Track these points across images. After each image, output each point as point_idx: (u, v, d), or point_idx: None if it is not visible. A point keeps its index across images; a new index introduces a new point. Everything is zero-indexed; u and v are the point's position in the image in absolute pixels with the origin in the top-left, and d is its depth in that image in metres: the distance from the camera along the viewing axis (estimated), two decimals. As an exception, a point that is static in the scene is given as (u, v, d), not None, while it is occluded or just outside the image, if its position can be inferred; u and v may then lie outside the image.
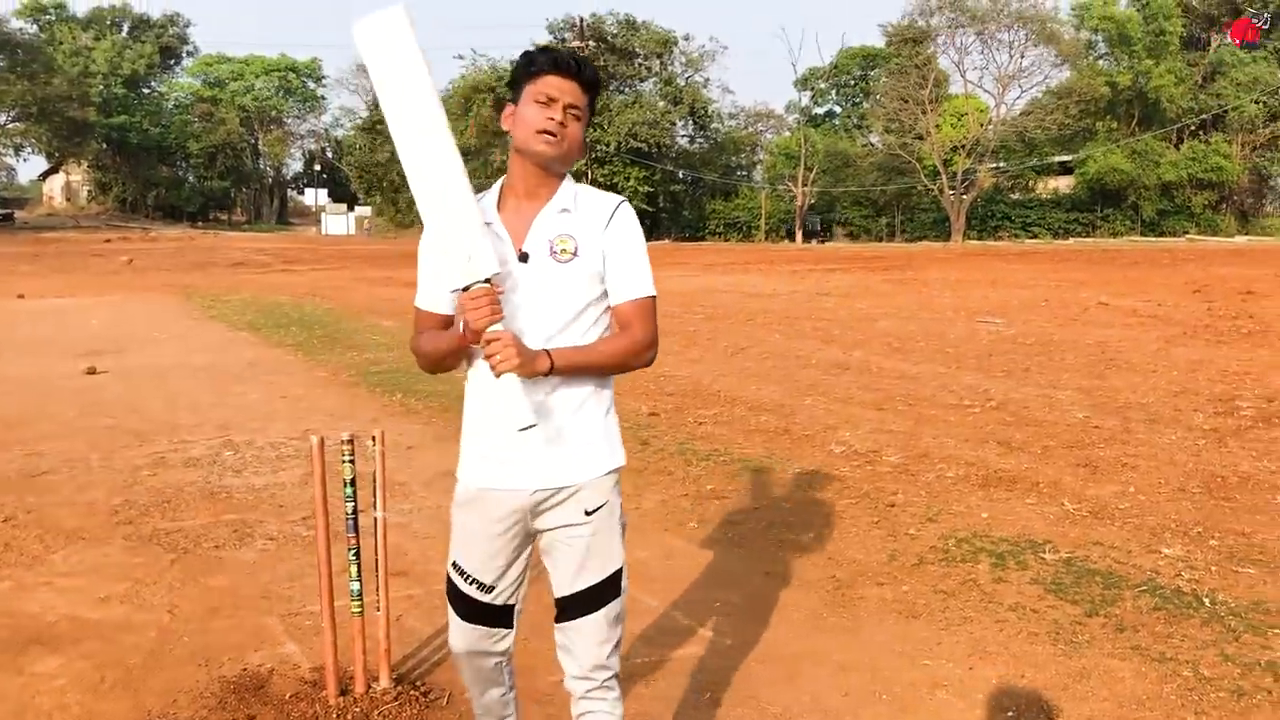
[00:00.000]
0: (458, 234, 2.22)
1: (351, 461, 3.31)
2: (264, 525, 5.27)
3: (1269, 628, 3.77)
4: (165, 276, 24.65)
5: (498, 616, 2.48)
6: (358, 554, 3.32)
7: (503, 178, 2.42)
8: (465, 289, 2.19)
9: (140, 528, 5.24)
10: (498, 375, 2.16)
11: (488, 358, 2.17)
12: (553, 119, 2.24)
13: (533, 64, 2.28)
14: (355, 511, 3.31)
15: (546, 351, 2.23)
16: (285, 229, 69.60)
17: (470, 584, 2.45)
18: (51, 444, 7.13)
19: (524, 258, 2.30)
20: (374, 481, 3.39)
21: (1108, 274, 22.81)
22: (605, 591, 2.40)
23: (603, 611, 2.40)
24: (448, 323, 2.40)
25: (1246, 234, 49.49)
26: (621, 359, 2.35)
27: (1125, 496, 5.56)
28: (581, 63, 2.29)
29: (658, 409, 8.05)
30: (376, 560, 3.40)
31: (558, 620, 2.43)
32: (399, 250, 37.78)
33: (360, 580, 3.33)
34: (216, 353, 11.58)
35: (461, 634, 2.50)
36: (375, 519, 3.39)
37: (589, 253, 2.31)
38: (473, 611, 2.47)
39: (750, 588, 4.33)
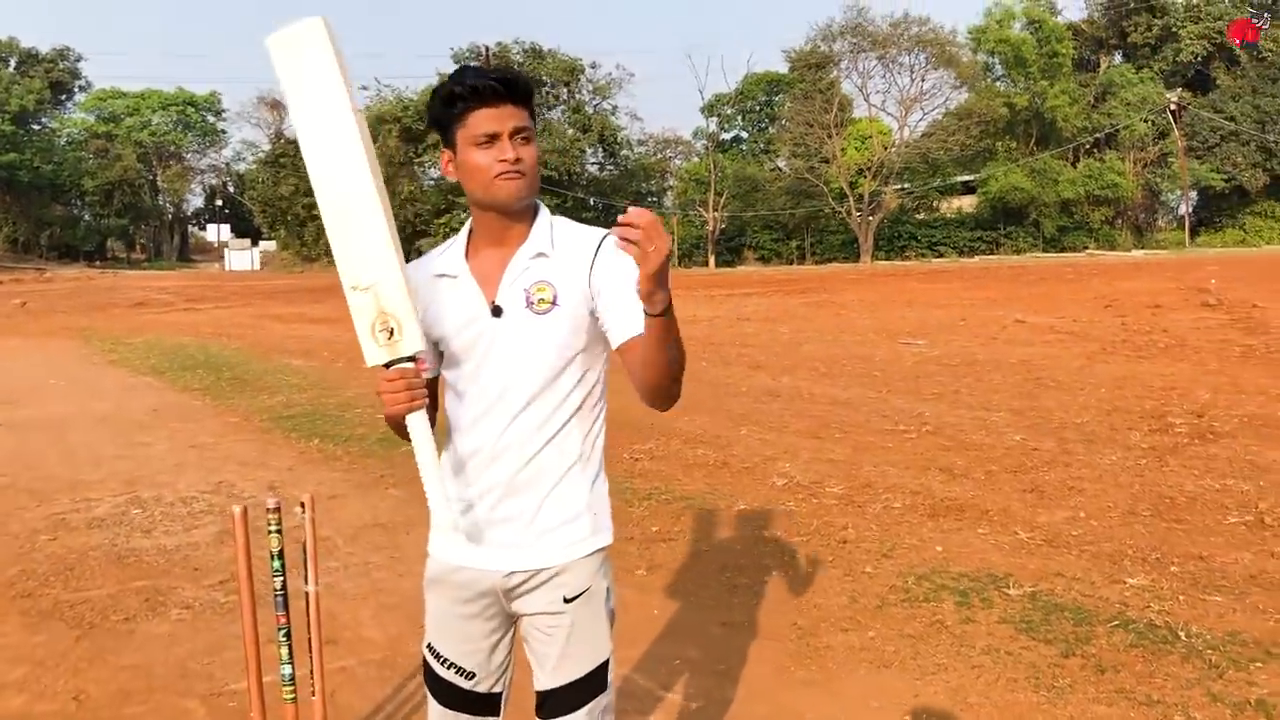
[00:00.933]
0: (377, 294, 1.92)
1: (279, 532, 2.98)
2: (178, 592, 4.87)
3: (1249, 661, 3.64)
4: (62, 319, 23.65)
5: (483, 705, 2.20)
6: (288, 634, 2.99)
7: (465, 228, 2.16)
8: (386, 365, 1.93)
9: (39, 600, 4.80)
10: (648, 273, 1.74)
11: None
12: (505, 159, 1.96)
13: (455, 104, 1.98)
14: (284, 586, 2.98)
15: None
16: (187, 266, 67.89)
17: (449, 669, 2.18)
18: (-61, 509, 6.60)
19: (497, 311, 2.03)
20: (303, 551, 3.07)
21: (1017, 291, 23.17)
22: (589, 687, 2.11)
23: (585, 710, 2.11)
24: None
25: (1143, 248, 51.06)
26: (683, 358, 1.95)
27: (1077, 522, 5.45)
28: (508, 80, 1.98)
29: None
30: (310, 638, 3.07)
31: (537, 714, 2.15)
32: (306, 285, 36.96)
33: (292, 662, 3.00)
34: (119, 400, 11.00)
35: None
36: (306, 593, 3.07)
37: (570, 300, 2.02)
38: (454, 699, 2.19)
39: (709, 641, 4.09)
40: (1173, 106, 52.91)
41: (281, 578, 3.00)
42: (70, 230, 67.92)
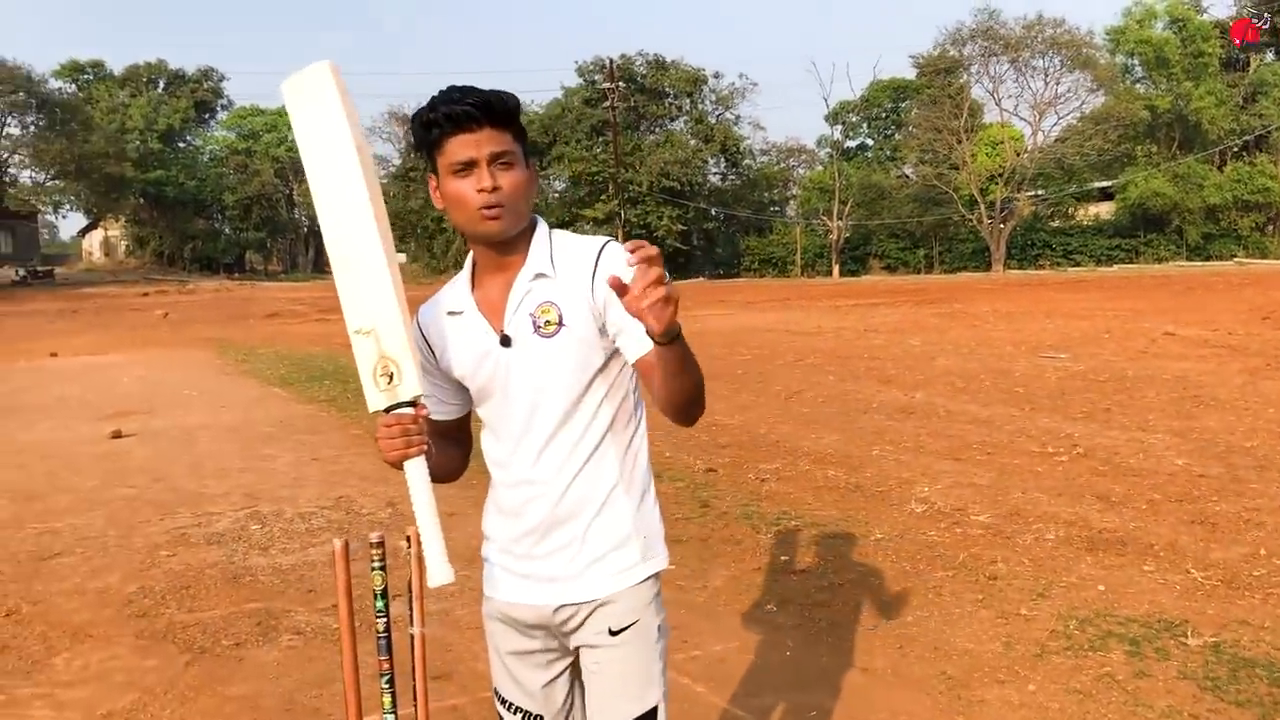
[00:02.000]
0: (378, 338, 1.87)
1: (383, 569, 2.74)
2: (291, 615, 4.73)
3: None
4: (200, 330, 24.41)
5: None
6: (391, 680, 2.75)
7: (469, 259, 2.05)
8: (386, 410, 1.85)
9: (154, 621, 4.71)
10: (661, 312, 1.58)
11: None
12: (484, 189, 1.84)
13: (430, 132, 1.87)
14: (388, 628, 2.74)
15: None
16: (321, 278, 69.84)
17: (516, 714, 2.11)
18: (68, 519, 6.66)
19: (506, 341, 1.94)
20: (409, 589, 2.83)
21: (1164, 301, 21.99)
22: None
23: None
24: (450, 429, 2.13)
25: (1297, 256, 48.27)
26: (701, 382, 1.81)
27: (1258, 560, 4.90)
28: (483, 102, 1.84)
29: (714, 464, 7.46)
30: (414, 685, 2.83)
31: None
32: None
33: (395, 711, 2.76)
34: (247, 410, 11.13)
35: None
36: (411, 635, 2.82)
37: (577, 317, 1.89)
38: None
39: (848, 689, 3.72)
40: (1331, 105, 49.93)
41: (385, 618, 2.76)
42: (211, 243, 70.58)
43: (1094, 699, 3.53)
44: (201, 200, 69.42)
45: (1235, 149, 51.52)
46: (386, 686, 2.76)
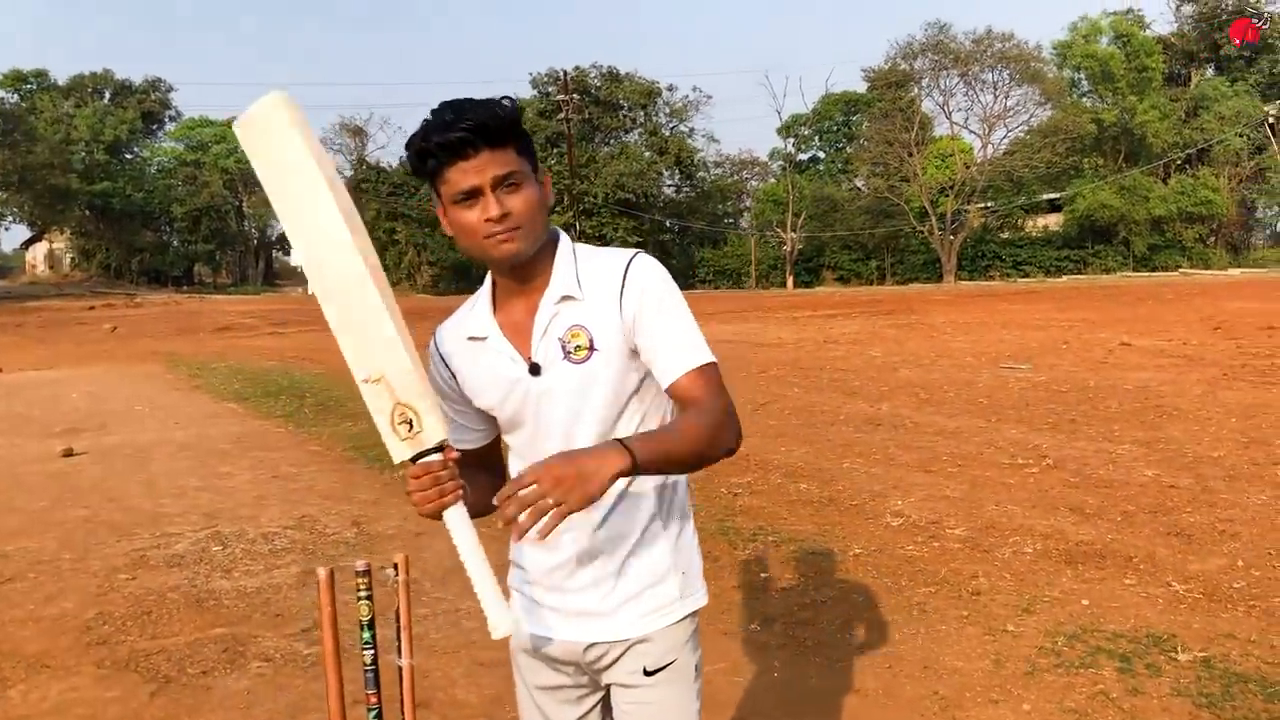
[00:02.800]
0: (389, 384, 1.74)
1: (369, 598, 2.61)
2: (258, 641, 4.56)
3: None
4: (150, 343, 23.93)
5: None
6: (380, 716, 2.62)
7: (487, 279, 1.91)
8: (412, 460, 1.72)
9: (115, 649, 4.53)
10: (541, 537, 1.56)
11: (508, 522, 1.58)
12: (490, 218, 1.71)
13: (426, 162, 1.74)
14: (375, 661, 2.62)
15: (618, 443, 1.60)
16: (272, 290, 68.99)
17: None
18: (19, 542, 6.43)
19: (535, 369, 1.81)
20: (396, 620, 2.71)
21: (1116, 312, 22.24)
22: None
23: None
24: (480, 457, 1.99)
25: (1239, 266, 49.23)
26: (703, 441, 1.70)
27: (1236, 572, 4.90)
28: (478, 125, 1.69)
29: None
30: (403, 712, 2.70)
31: None
32: (388, 309, 37.14)
33: (383, 747, 2.63)
34: (202, 427, 10.88)
35: None
36: (399, 667, 2.70)
37: (608, 340, 1.78)
38: None
39: (838, 711, 3.64)
40: (1270, 119, 51.03)
41: (372, 650, 2.63)
42: (159, 256, 69.43)
43: (1090, 718, 3.48)
44: (149, 212, 68.29)
45: (1179, 162, 52.51)
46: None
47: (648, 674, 1.87)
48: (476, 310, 1.90)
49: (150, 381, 15.87)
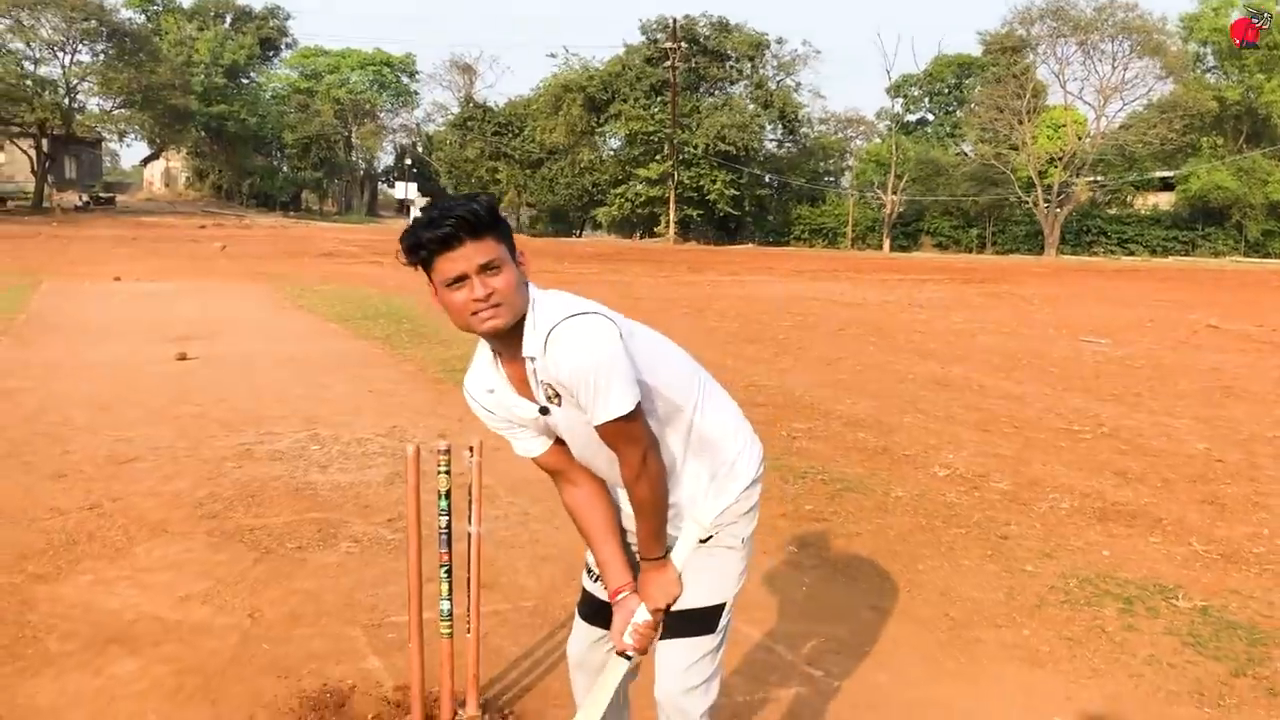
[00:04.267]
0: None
1: (448, 472, 3.10)
2: (349, 526, 5.12)
3: None
4: (257, 264, 24.99)
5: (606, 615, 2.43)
6: (449, 571, 3.11)
7: (480, 342, 2.29)
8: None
9: (224, 523, 5.13)
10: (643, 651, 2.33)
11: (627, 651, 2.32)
12: (477, 298, 2.07)
13: (417, 253, 2.11)
14: (449, 525, 3.11)
15: (646, 561, 2.31)
16: (375, 221, 70.58)
17: (596, 581, 2.46)
18: (140, 430, 7.10)
19: (545, 411, 2.23)
20: (469, 494, 3.19)
21: (1214, 295, 21.92)
22: (697, 621, 2.32)
23: (687, 642, 2.32)
24: (554, 460, 2.37)
25: (1358, 258, 47.44)
26: (651, 496, 2.23)
27: (1260, 539, 5.16)
28: (460, 222, 2.05)
29: (749, 420, 7.76)
30: (469, 578, 3.20)
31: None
32: (485, 246, 37.88)
33: (451, 599, 3.13)
34: (305, 343, 11.59)
35: (578, 639, 2.53)
36: (470, 534, 3.19)
37: (565, 390, 2.18)
38: (593, 612, 2.48)
39: (857, 623, 4.05)
40: (1406, 107, 48.80)
41: (447, 517, 3.12)
42: (269, 180, 71.46)
43: (1082, 645, 3.84)
44: (261, 137, 70.22)
45: (1304, 146, 50.55)
46: (445, 576, 3.14)
47: (701, 541, 2.32)
48: (484, 368, 2.30)
49: (258, 299, 16.74)
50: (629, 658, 2.29)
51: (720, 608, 2.31)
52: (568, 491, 2.39)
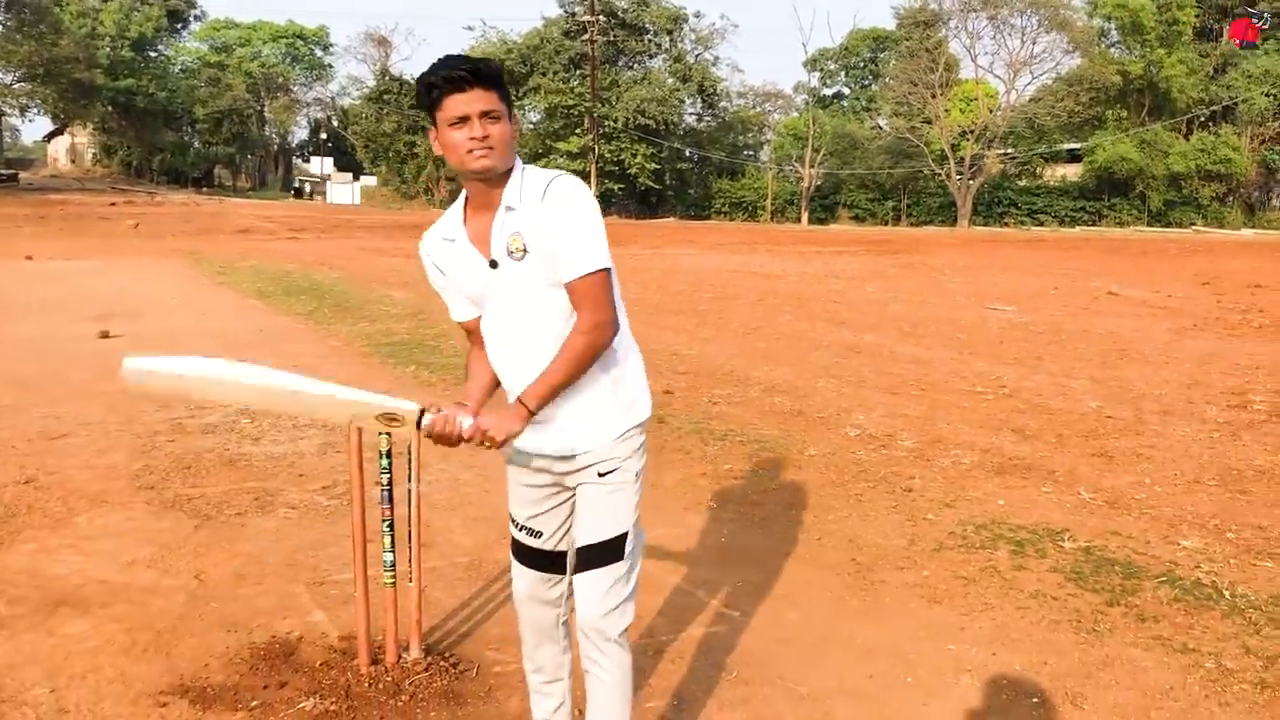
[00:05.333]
0: (355, 417, 2.59)
1: (388, 434, 3.31)
2: (285, 494, 5.29)
3: (1289, 621, 3.80)
4: (172, 241, 24.63)
5: (549, 562, 2.67)
6: (391, 525, 3.34)
7: (461, 195, 2.52)
8: (422, 432, 2.45)
9: (162, 493, 5.27)
10: (499, 448, 2.44)
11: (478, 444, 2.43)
12: (474, 137, 2.30)
13: (431, 92, 2.33)
14: (390, 483, 3.33)
15: (519, 402, 2.39)
16: (290, 197, 69.42)
17: (521, 531, 2.68)
18: (69, 407, 7.15)
19: (494, 264, 2.41)
20: (409, 456, 3.41)
21: (1116, 263, 22.79)
22: (606, 551, 2.51)
23: (600, 571, 2.51)
24: (476, 324, 2.59)
25: (1253, 227, 49.36)
26: (583, 358, 2.39)
27: (1141, 488, 5.59)
28: (474, 68, 2.31)
29: (672, 387, 8.07)
30: (410, 532, 3.42)
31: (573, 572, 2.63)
32: (405, 221, 37.74)
33: (394, 551, 3.35)
34: (228, 319, 11.60)
35: (520, 578, 2.72)
36: (410, 490, 3.41)
37: (538, 244, 2.36)
38: (526, 557, 2.69)
39: (771, 568, 4.36)
40: (1298, 81, 50.74)
41: (389, 475, 3.34)
42: (180, 156, 69.85)
43: (976, 583, 4.19)
44: (171, 112, 68.50)
45: (1202, 119, 52.32)
46: (387, 530, 3.37)
47: (600, 475, 2.51)
48: (449, 220, 2.51)
49: (177, 276, 16.59)
50: (420, 425, 2.45)
51: (624, 536, 2.53)
52: (474, 352, 2.64)
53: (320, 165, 74.97)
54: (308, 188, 70.86)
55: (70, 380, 8.08)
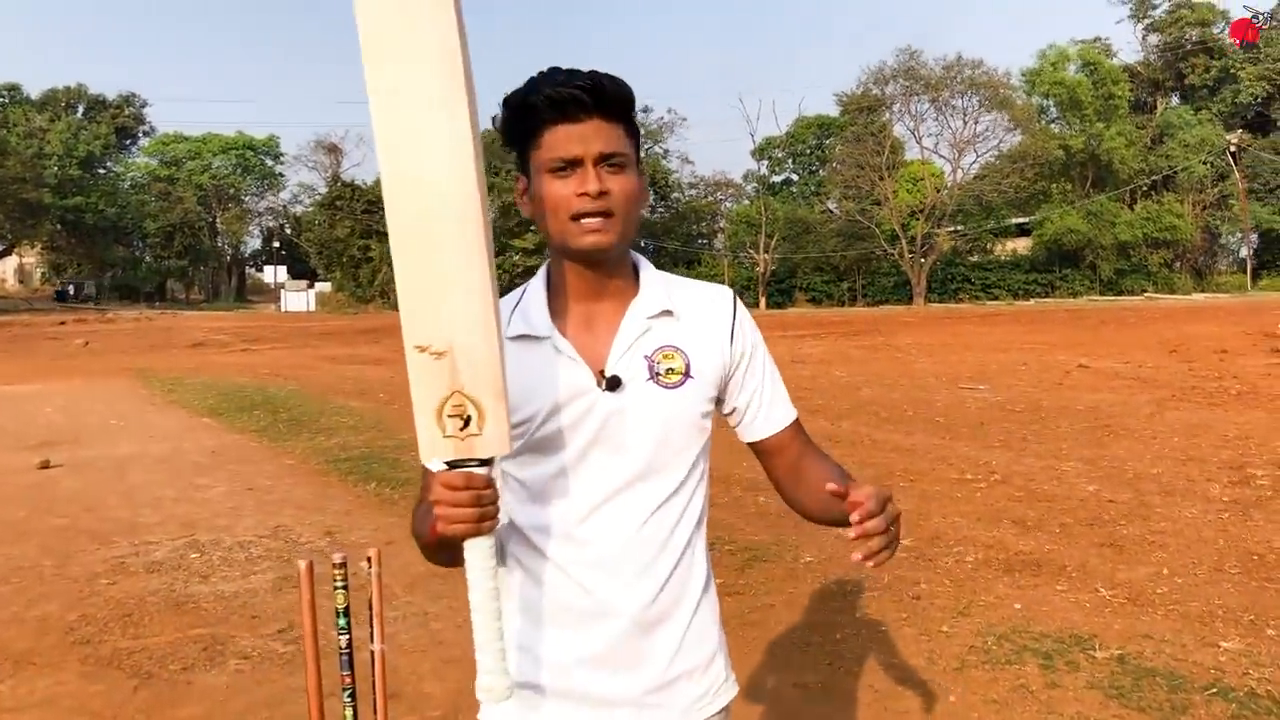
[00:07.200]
0: (455, 363, 1.33)
1: (345, 587, 2.87)
2: (236, 641, 4.79)
3: (1364, 735, 3.42)
4: (123, 359, 24.01)
5: None
6: (353, 694, 2.88)
7: (540, 273, 1.67)
8: (450, 465, 1.37)
9: (99, 648, 4.75)
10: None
11: None
12: (586, 193, 1.49)
13: (528, 118, 1.54)
14: (350, 644, 2.88)
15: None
16: (244, 307, 68.89)
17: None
18: (1, 550, 6.61)
19: (614, 383, 1.55)
20: (369, 608, 2.97)
21: (1078, 335, 22.77)
22: None
23: None
24: None
25: (1203, 291, 50.16)
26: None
27: (1161, 580, 5.22)
28: (595, 86, 1.50)
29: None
30: (374, 697, 2.96)
31: None
32: (361, 326, 37.34)
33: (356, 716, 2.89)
34: (177, 440, 11.06)
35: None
36: (372, 652, 2.96)
37: (706, 371, 1.60)
38: None
39: (782, 704, 3.92)
40: (1232, 148, 52.17)
41: (347, 635, 2.89)
42: (132, 271, 69.36)
43: (1010, 708, 3.77)
44: (122, 227, 68.23)
45: (1144, 188, 53.50)
46: (348, 700, 2.89)
47: None
48: (526, 307, 1.62)
49: (125, 396, 16.01)
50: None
51: None
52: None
53: (274, 274, 74.61)
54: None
55: (5, 518, 7.53)
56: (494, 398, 1.34)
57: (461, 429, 1.35)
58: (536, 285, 1.63)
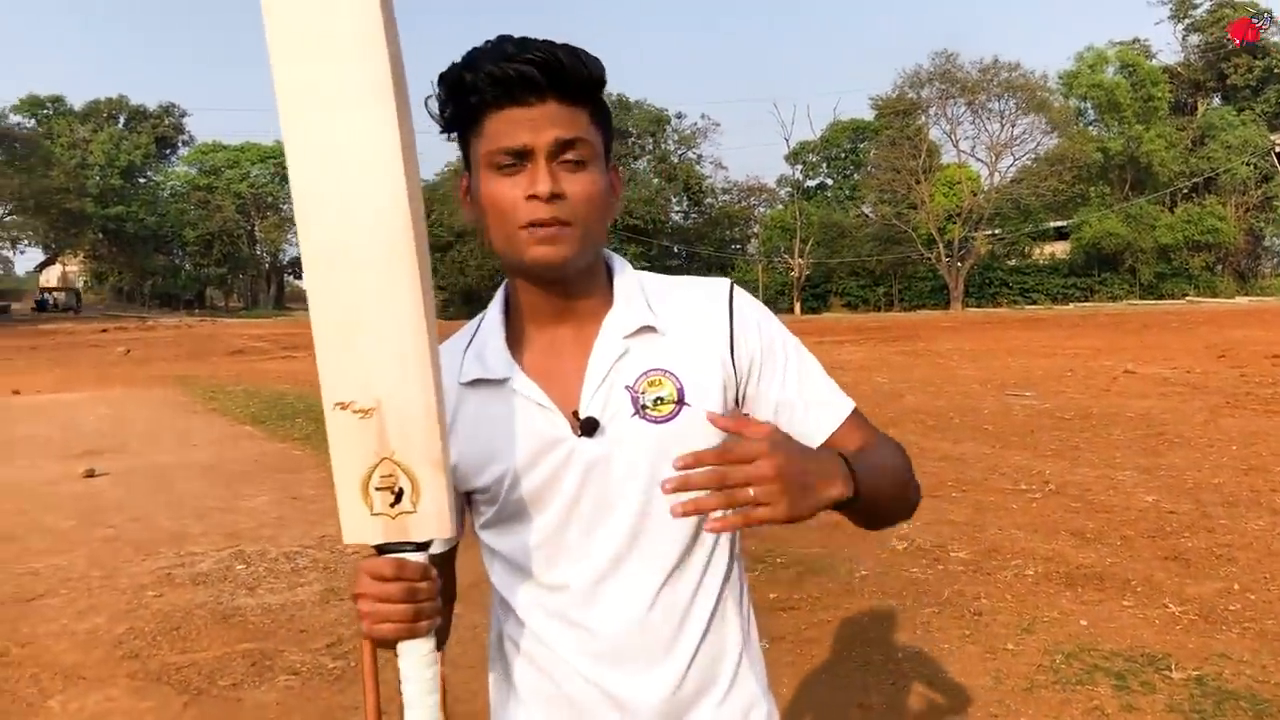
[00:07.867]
0: (384, 423, 1.11)
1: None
2: (284, 655, 4.73)
3: None
4: (164, 367, 24.19)
5: None
6: (414, 718, 2.80)
7: (498, 297, 1.38)
8: (380, 550, 1.15)
9: (147, 662, 4.71)
10: (717, 530, 1.13)
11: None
12: (537, 195, 1.20)
13: (465, 99, 1.22)
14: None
15: (840, 459, 1.17)
16: (283, 314, 69.41)
17: None
18: (48, 560, 6.61)
19: (589, 427, 1.26)
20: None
21: (1122, 340, 22.42)
22: None
23: None
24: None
25: (1246, 295, 49.36)
26: (903, 481, 1.37)
27: (1233, 595, 5.05)
28: (547, 60, 1.19)
29: (695, 502, 7.54)
30: None
31: None
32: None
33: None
34: (220, 448, 11.08)
35: None
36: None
37: (705, 392, 1.29)
38: None
39: (846, 724, 3.81)
40: (1277, 149, 51.35)
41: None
42: (171, 279, 70.17)
43: (1085, 731, 3.64)
44: (162, 236, 69.07)
45: (1185, 191, 52.77)
46: (410, 725, 2.80)
47: None
48: (480, 345, 1.34)
49: (167, 404, 16.10)
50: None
51: None
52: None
53: (311, 281, 74.94)
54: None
55: (52, 528, 7.54)
56: (430, 466, 1.11)
57: (392, 505, 1.12)
58: (493, 314, 1.36)
